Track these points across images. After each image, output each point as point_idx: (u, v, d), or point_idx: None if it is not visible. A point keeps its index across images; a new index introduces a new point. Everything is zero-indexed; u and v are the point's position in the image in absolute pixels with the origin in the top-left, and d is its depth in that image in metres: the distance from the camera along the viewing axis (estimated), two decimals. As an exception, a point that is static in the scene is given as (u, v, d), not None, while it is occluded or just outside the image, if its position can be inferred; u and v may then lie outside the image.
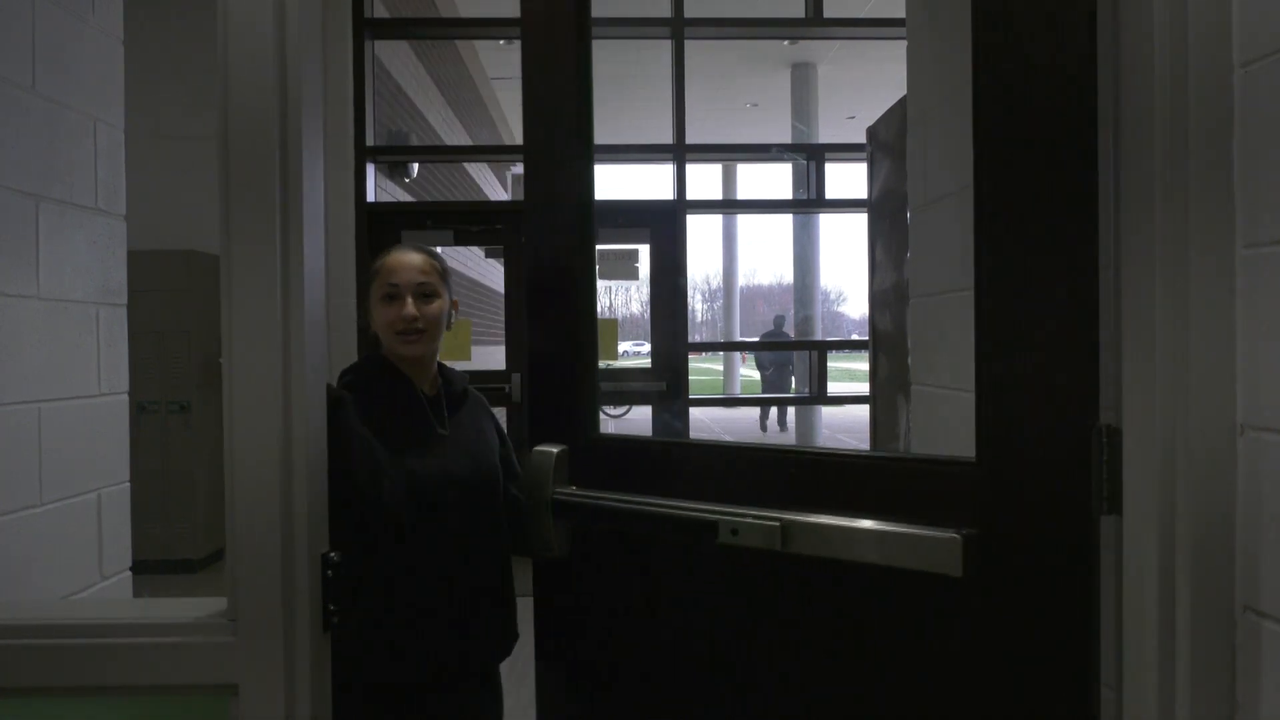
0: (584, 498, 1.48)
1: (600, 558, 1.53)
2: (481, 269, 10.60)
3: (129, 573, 2.36)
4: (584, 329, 1.55)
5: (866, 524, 1.24)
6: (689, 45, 5.93)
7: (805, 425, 11.03)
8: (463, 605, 1.78)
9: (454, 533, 1.77)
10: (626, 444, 1.52)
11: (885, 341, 3.48)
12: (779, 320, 15.54)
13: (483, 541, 1.82)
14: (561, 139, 1.55)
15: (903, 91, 2.64)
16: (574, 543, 1.53)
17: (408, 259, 1.82)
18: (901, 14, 2.50)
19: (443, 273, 1.87)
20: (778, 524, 1.27)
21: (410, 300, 1.79)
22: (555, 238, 1.56)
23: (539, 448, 1.52)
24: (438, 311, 1.82)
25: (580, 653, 1.58)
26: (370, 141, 5.95)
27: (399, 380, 1.82)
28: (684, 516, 1.36)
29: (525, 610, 1.76)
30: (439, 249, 8.81)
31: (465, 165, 10.90)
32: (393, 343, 1.81)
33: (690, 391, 6.10)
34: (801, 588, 1.32)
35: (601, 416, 1.65)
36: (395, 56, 7.07)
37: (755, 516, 1.29)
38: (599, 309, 1.70)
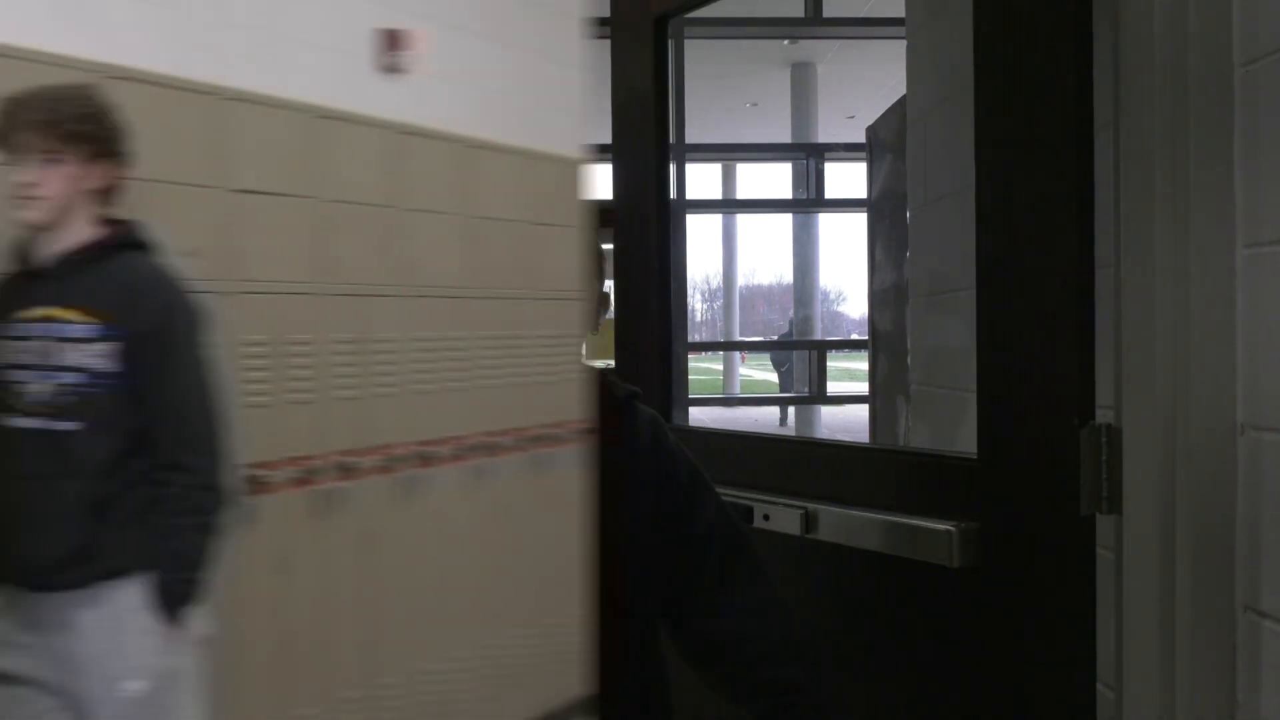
0: None
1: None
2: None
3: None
4: (660, 332, 1.77)
5: (870, 515, 1.34)
6: (689, 45, 5.93)
7: (804, 425, 11.01)
8: None
9: None
10: (696, 434, 1.76)
11: (885, 341, 3.47)
12: (790, 321, 15.45)
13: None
14: (643, 144, 1.86)
15: (903, 91, 2.64)
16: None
17: None
18: (901, 14, 2.49)
19: (600, 258, 1.39)
20: (802, 511, 1.41)
21: None
22: (634, 237, 1.82)
23: None
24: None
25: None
26: (370, 141, 5.93)
27: None
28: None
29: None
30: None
31: (465, 165, 10.89)
32: None
33: (690, 391, 6.11)
34: (824, 568, 1.47)
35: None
36: (395, 56, 7.06)
37: (785, 504, 1.43)
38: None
